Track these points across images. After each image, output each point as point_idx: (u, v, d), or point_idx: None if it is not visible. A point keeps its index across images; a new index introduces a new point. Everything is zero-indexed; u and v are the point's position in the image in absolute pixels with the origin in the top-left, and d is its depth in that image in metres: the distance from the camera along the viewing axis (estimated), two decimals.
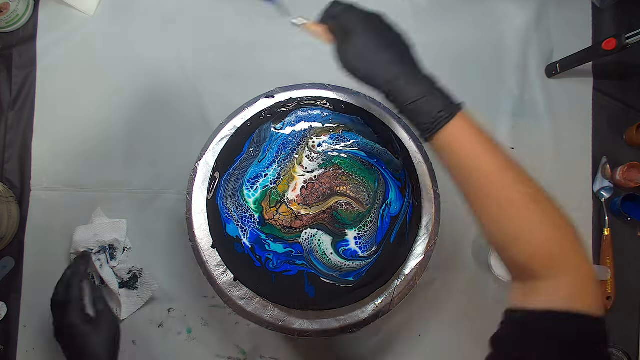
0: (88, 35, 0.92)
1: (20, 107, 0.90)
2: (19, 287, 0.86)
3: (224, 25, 0.92)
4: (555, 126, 0.90)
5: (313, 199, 0.76)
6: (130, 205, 0.88)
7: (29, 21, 0.92)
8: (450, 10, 0.93)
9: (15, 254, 0.86)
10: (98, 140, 0.89)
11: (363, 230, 0.76)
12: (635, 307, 0.86)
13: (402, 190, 0.77)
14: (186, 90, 0.90)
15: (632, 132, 0.87)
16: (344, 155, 0.78)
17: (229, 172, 0.76)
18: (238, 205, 0.76)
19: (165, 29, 0.92)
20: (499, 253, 0.53)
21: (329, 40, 0.62)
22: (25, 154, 0.89)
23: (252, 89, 0.81)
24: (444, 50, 0.92)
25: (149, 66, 0.91)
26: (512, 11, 0.92)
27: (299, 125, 0.78)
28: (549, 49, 0.92)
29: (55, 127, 0.90)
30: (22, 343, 0.84)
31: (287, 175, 0.77)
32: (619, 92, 0.91)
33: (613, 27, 0.92)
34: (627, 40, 0.77)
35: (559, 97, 0.91)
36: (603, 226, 0.87)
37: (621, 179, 0.86)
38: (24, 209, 0.88)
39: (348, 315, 0.73)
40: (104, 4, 0.93)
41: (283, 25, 0.92)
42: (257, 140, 0.78)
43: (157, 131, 0.89)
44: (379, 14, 0.57)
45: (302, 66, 0.91)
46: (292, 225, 0.76)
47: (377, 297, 0.73)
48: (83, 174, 0.89)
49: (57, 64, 0.91)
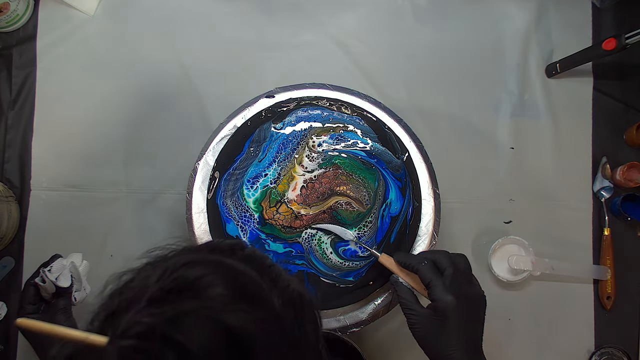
0: (88, 35, 0.92)
1: (20, 107, 0.90)
2: (19, 287, 0.86)
3: (224, 25, 0.92)
4: (555, 126, 0.90)
5: (313, 198, 0.76)
6: (130, 205, 0.88)
7: (29, 21, 0.92)
8: (450, 10, 0.93)
9: (15, 254, 0.86)
10: (98, 140, 0.89)
11: (363, 230, 0.76)
12: (635, 307, 0.86)
13: (402, 191, 0.77)
14: (186, 90, 0.90)
15: (632, 132, 0.87)
16: (344, 155, 0.78)
17: (229, 172, 0.77)
18: (238, 204, 0.76)
19: (165, 28, 0.92)
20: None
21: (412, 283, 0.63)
22: (25, 154, 0.89)
23: (252, 89, 0.81)
24: (444, 50, 0.92)
25: (149, 66, 0.91)
26: (512, 11, 0.92)
27: (299, 125, 0.78)
28: (549, 49, 0.92)
29: (55, 127, 0.90)
30: (22, 343, 0.84)
31: (287, 175, 0.77)
32: (619, 92, 0.91)
33: (613, 27, 0.92)
34: (627, 40, 0.77)
35: (559, 97, 0.91)
36: (603, 226, 0.87)
37: (621, 179, 0.86)
38: (24, 209, 0.88)
39: (348, 315, 0.73)
40: (104, 4, 0.93)
41: (283, 25, 0.93)
42: (257, 140, 0.78)
43: (156, 131, 0.89)
44: None
45: (302, 66, 0.91)
46: (292, 225, 0.75)
47: (377, 297, 0.73)
48: (83, 174, 0.89)
49: (57, 64, 0.91)
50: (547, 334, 0.86)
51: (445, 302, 0.55)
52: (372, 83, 0.90)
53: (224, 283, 0.36)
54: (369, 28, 0.92)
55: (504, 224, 0.88)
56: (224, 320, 0.34)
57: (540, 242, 0.86)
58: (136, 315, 0.34)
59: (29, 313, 0.68)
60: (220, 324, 0.34)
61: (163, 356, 0.32)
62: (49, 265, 0.71)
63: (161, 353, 0.32)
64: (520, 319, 0.85)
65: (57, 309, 0.69)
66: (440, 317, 0.56)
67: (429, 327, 0.58)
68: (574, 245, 0.87)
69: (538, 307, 0.86)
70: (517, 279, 0.83)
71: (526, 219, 0.88)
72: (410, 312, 0.59)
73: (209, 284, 0.36)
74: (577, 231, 0.88)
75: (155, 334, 0.33)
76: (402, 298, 0.61)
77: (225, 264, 0.39)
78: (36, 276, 0.70)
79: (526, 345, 0.86)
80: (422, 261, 0.60)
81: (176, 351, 0.32)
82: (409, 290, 0.62)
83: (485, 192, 0.88)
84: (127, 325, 0.33)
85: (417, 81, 0.91)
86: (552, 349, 0.85)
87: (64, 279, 0.70)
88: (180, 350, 0.32)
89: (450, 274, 0.57)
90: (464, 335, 0.56)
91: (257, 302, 0.37)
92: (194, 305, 0.34)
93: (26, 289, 0.69)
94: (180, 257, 0.40)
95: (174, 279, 0.36)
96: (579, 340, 0.85)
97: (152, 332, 0.33)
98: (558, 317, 0.86)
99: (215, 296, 0.35)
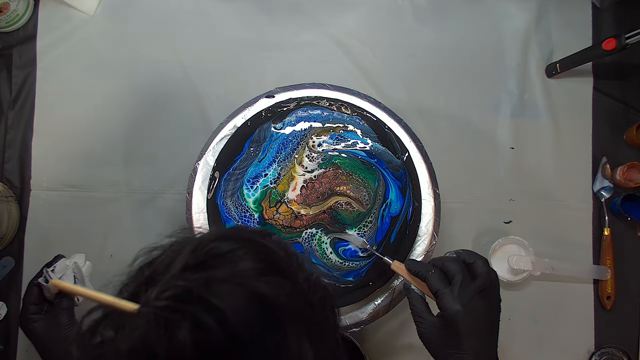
0: (88, 35, 0.92)
1: (20, 107, 0.90)
2: (19, 287, 0.85)
3: (224, 25, 0.92)
4: (555, 126, 0.90)
5: (313, 198, 0.76)
6: (130, 205, 0.88)
7: (29, 21, 0.92)
8: (450, 10, 0.93)
9: (15, 254, 0.86)
10: (98, 140, 0.89)
11: (363, 230, 0.76)
12: (635, 307, 0.86)
13: (403, 191, 0.77)
14: (186, 90, 0.90)
15: (632, 132, 0.87)
16: (344, 155, 0.78)
17: (229, 172, 0.77)
18: (238, 204, 0.76)
19: (166, 28, 0.92)
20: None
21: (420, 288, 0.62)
22: (25, 154, 0.89)
23: (252, 89, 0.81)
24: (444, 50, 0.92)
25: (149, 66, 0.91)
26: (512, 11, 0.92)
27: (299, 125, 0.78)
28: (549, 49, 0.92)
29: (55, 127, 0.90)
30: (22, 343, 0.84)
31: (287, 175, 0.77)
32: (619, 92, 0.91)
33: (613, 27, 0.92)
34: (627, 40, 0.77)
35: (559, 97, 0.91)
36: (603, 226, 0.87)
37: (621, 179, 0.86)
38: (24, 209, 0.88)
39: (348, 315, 0.73)
40: (104, 4, 0.93)
41: (283, 25, 0.93)
42: (257, 140, 0.78)
43: (157, 131, 0.89)
44: None
45: (302, 66, 0.91)
46: (292, 225, 0.76)
47: (377, 297, 0.73)
48: (83, 174, 0.89)
49: (57, 64, 0.91)
50: (547, 334, 0.86)
51: (452, 312, 0.55)
52: (372, 83, 0.90)
53: (256, 257, 0.38)
54: (369, 28, 0.92)
55: (504, 224, 0.88)
56: (257, 288, 0.35)
57: (540, 242, 0.86)
58: (171, 280, 0.35)
59: (32, 313, 0.68)
60: (253, 291, 0.35)
61: (199, 317, 0.32)
62: (52, 265, 0.71)
63: (197, 314, 0.32)
64: (520, 318, 0.85)
65: (60, 309, 0.69)
66: (447, 326, 0.56)
67: (437, 336, 0.57)
68: (574, 245, 0.87)
69: (538, 307, 0.86)
70: (517, 279, 0.83)
71: (526, 219, 0.88)
72: (419, 319, 0.59)
73: (241, 256, 0.37)
74: (577, 231, 0.88)
75: (191, 295, 0.33)
76: (413, 305, 0.60)
77: (256, 240, 0.40)
78: (39, 276, 0.70)
79: (526, 345, 0.86)
80: (430, 269, 0.60)
81: (211, 313, 0.33)
82: (420, 298, 0.61)
83: (485, 192, 0.88)
84: (162, 288, 0.34)
85: (417, 81, 0.91)
86: (552, 349, 0.85)
87: (67, 279, 0.70)
88: (215, 312, 0.33)
89: (458, 281, 0.56)
90: (474, 343, 0.55)
91: (287, 278, 0.39)
92: (228, 273, 0.36)
93: (29, 290, 0.69)
94: (212, 232, 0.41)
95: (208, 250, 0.37)
96: (579, 340, 0.85)
97: (188, 294, 0.33)
98: (558, 317, 0.86)
99: (248, 267, 0.37)
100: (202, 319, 0.32)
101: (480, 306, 0.56)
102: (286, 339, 0.35)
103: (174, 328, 0.32)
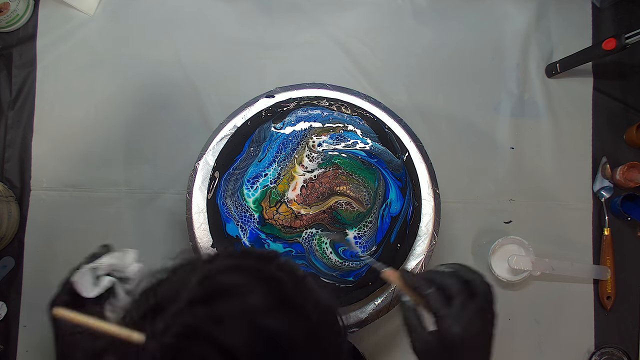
0: (88, 35, 0.92)
1: (20, 107, 0.90)
2: (19, 287, 0.86)
3: (224, 25, 0.92)
4: (555, 126, 0.90)
5: (313, 198, 0.76)
6: (130, 205, 0.88)
7: (29, 21, 0.92)
8: (450, 11, 0.93)
9: (15, 254, 0.86)
10: (98, 140, 0.89)
11: (363, 230, 0.76)
12: (635, 307, 0.86)
13: (403, 190, 0.77)
14: (186, 90, 0.90)
15: (632, 132, 0.87)
16: (344, 155, 0.78)
17: (229, 172, 0.77)
18: (238, 204, 0.76)
19: (165, 28, 0.92)
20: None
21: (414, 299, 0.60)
22: (25, 154, 0.89)
23: (252, 89, 0.81)
24: (444, 50, 0.92)
25: (149, 66, 0.91)
26: (512, 11, 0.92)
27: (299, 125, 0.78)
28: (549, 49, 0.92)
29: (55, 127, 0.90)
30: (22, 343, 0.84)
31: (287, 174, 0.77)
32: (619, 92, 0.91)
33: (613, 27, 0.92)
34: (627, 40, 0.77)
35: (559, 97, 0.91)
36: (603, 226, 0.87)
37: (621, 179, 0.86)
38: (24, 209, 0.88)
39: (348, 315, 0.73)
40: (104, 3, 0.93)
41: (283, 25, 0.93)
42: (257, 140, 0.78)
43: (156, 131, 0.89)
44: None
45: (302, 66, 0.91)
46: (292, 225, 0.75)
47: (377, 297, 0.73)
48: (83, 174, 0.89)
49: (57, 64, 0.91)
50: (547, 333, 0.86)
51: (452, 335, 0.54)
52: (372, 83, 0.90)
53: (263, 290, 0.37)
54: (369, 28, 0.92)
55: (504, 224, 0.88)
56: (266, 325, 0.35)
57: (540, 242, 0.86)
58: (177, 314, 0.34)
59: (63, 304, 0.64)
60: (262, 328, 0.35)
61: (206, 355, 0.33)
62: (97, 259, 0.65)
63: (204, 352, 0.33)
64: (520, 318, 0.85)
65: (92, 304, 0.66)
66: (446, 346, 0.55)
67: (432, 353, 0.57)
68: (574, 245, 0.87)
69: (538, 307, 0.86)
70: (517, 279, 0.83)
71: (526, 219, 0.88)
72: (413, 335, 0.58)
73: (249, 290, 0.37)
74: (577, 231, 0.88)
75: (198, 333, 0.33)
76: (407, 319, 0.60)
77: (263, 271, 0.40)
78: (83, 266, 0.64)
79: (526, 345, 0.86)
80: (429, 286, 0.59)
81: (219, 351, 0.33)
82: (414, 312, 0.60)
83: (485, 192, 0.88)
84: (169, 323, 0.34)
85: (417, 81, 0.91)
86: (552, 349, 0.85)
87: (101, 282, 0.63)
88: (224, 352, 0.33)
89: (459, 303, 0.55)
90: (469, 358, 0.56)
91: (295, 309, 0.39)
92: (235, 308, 0.35)
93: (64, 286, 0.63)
94: (219, 261, 0.40)
95: (216, 283, 0.37)
96: (579, 340, 0.85)
97: (195, 332, 0.33)
98: (558, 317, 0.86)
99: (256, 302, 0.36)
100: (211, 357, 0.33)
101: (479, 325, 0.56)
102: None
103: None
